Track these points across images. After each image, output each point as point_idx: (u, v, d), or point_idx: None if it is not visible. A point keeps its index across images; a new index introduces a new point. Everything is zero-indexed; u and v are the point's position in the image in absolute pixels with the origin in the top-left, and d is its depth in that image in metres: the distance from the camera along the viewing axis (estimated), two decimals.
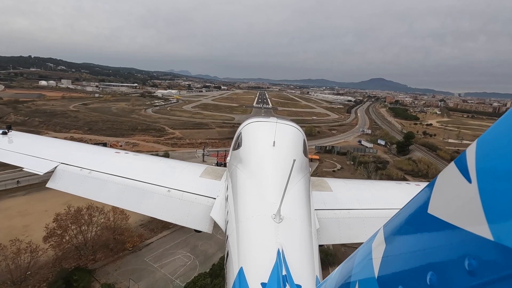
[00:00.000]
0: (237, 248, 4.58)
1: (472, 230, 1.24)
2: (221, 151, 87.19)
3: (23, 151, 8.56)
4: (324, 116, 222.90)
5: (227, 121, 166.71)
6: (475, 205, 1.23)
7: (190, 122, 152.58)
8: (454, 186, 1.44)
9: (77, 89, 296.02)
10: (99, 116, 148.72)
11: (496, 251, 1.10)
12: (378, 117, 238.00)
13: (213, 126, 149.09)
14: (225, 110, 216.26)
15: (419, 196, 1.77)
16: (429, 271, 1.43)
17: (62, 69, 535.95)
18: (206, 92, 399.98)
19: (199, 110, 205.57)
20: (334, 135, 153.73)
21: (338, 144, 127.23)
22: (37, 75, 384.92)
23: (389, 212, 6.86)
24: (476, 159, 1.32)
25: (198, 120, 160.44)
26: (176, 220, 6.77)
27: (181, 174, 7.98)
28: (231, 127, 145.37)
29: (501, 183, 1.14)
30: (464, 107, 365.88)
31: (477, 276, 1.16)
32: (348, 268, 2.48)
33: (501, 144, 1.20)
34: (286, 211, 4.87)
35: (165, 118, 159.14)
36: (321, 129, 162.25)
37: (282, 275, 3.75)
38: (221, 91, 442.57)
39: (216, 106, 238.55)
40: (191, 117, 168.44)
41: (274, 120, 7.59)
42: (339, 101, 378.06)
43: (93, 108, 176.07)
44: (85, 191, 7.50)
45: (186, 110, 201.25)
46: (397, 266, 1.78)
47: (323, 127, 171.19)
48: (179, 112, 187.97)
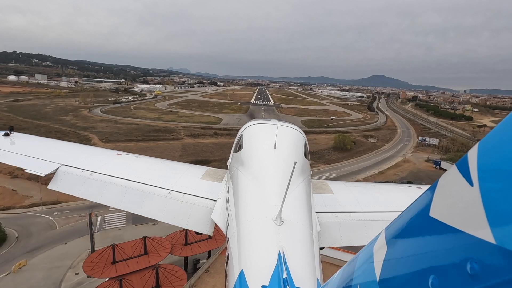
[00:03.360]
0: (237, 251, 4.47)
1: (474, 233, 1.19)
2: None
3: (25, 153, 8.29)
4: (343, 115, 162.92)
5: (210, 124, 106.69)
6: (477, 208, 1.19)
7: (147, 128, 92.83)
8: (456, 189, 1.40)
9: (49, 84, 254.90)
10: (8, 117, 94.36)
11: (498, 255, 1.05)
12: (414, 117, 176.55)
13: (182, 134, 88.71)
14: (213, 108, 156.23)
15: (421, 199, 1.70)
16: (431, 275, 1.37)
17: (47, 65, 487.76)
18: (198, 88, 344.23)
19: (177, 108, 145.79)
20: (377, 147, 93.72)
21: (401, 170, 66.79)
22: (12, 70, 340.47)
23: (390, 215, 6.61)
24: (478, 162, 1.27)
25: (163, 124, 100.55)
26: (177, 222, 6.52)
27: (182, 176, 7.68)
28: (213, 135, 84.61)
29: (503, 186, 1.10)
30: (496, 104, 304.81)
31: (479, 280, 1.11)
32: (349, 272, 2.38)
33: (503, 147, 1.16)
34: (287, 214, 4.73)
35: (110, 122, 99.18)
36: (352, 135, 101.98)
37: (283, 278, 3.69)
38: (216, 87, 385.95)
39: (202, 103, 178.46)
40: (156, 119, 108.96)
41: (275, 123, 7.32)
42: (349, 97, 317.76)
43: (18, 106, 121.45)
44: (86, 192, 7.23)
45: (157, 108, 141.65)
46: (399, 270, 1.72)
47: (353, 132, 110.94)
48: (145, 111, 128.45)
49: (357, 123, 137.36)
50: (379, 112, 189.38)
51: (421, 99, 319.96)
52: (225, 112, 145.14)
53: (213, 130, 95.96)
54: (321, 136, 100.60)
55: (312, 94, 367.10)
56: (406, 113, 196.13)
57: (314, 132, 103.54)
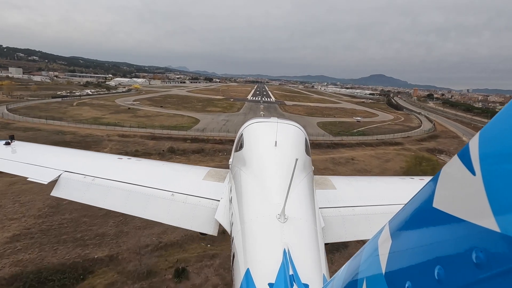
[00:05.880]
0: (243, 250, 4.41)
1: (478, 222, 1.17)
2: None
3: (26, 161, 7.99)
4: (367, 115, 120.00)
5: (173, 130, 63.36)
6: (480, 198, 1.17)
7: (52, 138, 48.95)
8: (458, 179, 1.38)
9: (19, 78, 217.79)
10: None
11: (503, 243, 1.03)
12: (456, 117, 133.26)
13: (108, 148, 44.96)
14: (194, 105, 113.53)
15: (424, 191, 1.68)
16: (437, 265, 1.36)
17: (33, 60, 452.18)
18: (190, 83, 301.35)
19: (142, 105, 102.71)
20: None
21: None
22: None
23: (394, 208, 6.54)
24: (479, 151, 1.25)
25: (88, 131, 57.36)
26: (181, 224, 6.38)
27: (184, 177, 7.61)
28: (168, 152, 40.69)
29: (505, 175, 1.09)
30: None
31: (485, 269, 1.10)
32: (355, 266, 2.34)
33: (504, 135, 1.15)
34: (291, 211, 4.69)
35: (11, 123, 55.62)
36: (407, 148, 59.28)
37: (289, 275, 3.64)
38: (210, 83, 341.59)
39: (183, 99, 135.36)
40: (91, 121, 65.95)
41: (275, 120, 7.27)
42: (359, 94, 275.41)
43: None
44: (89, 198, 7.03)
45: (112, 105, 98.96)
46: (404, 262, 1.69)
47: (403, 141, 68.31)
48: (89, 108, 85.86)
49: (397, 127, 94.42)
50: (409, 111, 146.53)
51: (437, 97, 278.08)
52: (209, 110, 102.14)
53: (173, 141, 52.90)
54: (360, 150, 57.79)
55: (316, 91, 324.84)
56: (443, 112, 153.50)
57: (347, 145, 60.67)
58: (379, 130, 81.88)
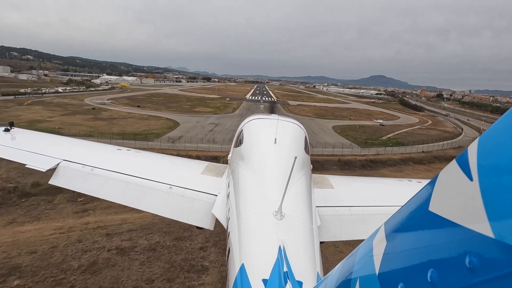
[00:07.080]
0: (238, 245, 4.41)
1: (473, 227, 1.17)
2: None
3: (25, 148, 7.98)
4: (387, 117, 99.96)
5: (127, 141, 42.56)
6: (476, 203, 1.17)
7: None
8: (455, 184, 1.37)
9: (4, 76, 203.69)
10: None
11: (497, 249, 1.03)
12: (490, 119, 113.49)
13: None
14: (182, 105, 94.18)
15: (421, 194, 1.66)
16: (430, 268, 1.35)
17: (27, 59, 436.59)
18: (186, 83, 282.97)
19: (117, 105, 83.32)
20: None
21: None
22: None
23: (390, 209, 6.48)
24: (477, 157, 1.25)
25: None
26: (177, 217, 6.35)
27: (183, 171, 7.55)
28: None
29: (502, 181, 1.09)
30: None
31: (478, 273, 1.10)
32: (349, 265, 2.33)
33: (502, 142, 1.15)
34: (288, 208, 4.68)
35: None
36: None
37: (283, 271, 3.65)
38: (208, 83, 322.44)
39: (171, 98, 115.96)
40: (25, 127, 44.43)
41: (275, 117, 7.20)
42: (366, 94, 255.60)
43: None
44: (87, 188, 7.02)
45: (75, 104, 79.68)
46: (398, 263, 1.68)
47: (451, 152, 46.89)
48: (40, 108, 66.78)
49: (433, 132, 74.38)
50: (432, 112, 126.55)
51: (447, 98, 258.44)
52: (197, 111, 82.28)
53: None
54: (410, 170, 37.87)
55: (319, 91, 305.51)
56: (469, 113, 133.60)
57: (388, 162, 40.43)
58: (415, 138, 61.86)
